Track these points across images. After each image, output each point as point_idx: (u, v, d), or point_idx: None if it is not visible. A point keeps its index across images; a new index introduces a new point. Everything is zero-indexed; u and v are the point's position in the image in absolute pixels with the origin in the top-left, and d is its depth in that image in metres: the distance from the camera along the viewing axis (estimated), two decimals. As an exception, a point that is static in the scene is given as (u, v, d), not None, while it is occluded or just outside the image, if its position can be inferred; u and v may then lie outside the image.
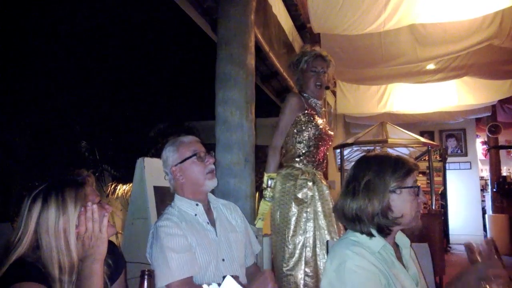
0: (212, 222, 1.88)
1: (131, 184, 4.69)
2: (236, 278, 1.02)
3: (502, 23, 4.09)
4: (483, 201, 9.61)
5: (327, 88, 2.82)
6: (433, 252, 1.96)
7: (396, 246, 1.48)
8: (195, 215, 1.84)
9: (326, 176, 5.73)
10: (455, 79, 6.14)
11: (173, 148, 1.88)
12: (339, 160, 6.47)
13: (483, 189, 10.00)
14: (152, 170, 2.87)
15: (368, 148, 6.22)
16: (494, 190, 8.41)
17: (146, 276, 1.19)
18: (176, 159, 1.85)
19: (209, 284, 0.99)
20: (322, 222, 2.52)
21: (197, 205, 1.86)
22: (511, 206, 8.21)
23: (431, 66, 5.53)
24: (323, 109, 2.84)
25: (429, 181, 6.24)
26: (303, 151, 2.61)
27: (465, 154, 9.79)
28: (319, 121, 2.68)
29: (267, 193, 2.58)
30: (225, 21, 2.82)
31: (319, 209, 2.54)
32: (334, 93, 7.13)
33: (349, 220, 1.41)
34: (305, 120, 2.62)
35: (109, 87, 7.71)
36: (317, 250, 2.48)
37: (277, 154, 2.62)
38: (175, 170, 1.85)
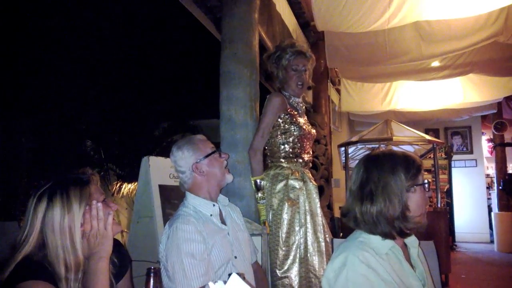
0: (223, 221, 1.91)
1: (136, 183, 4.71)
2: (242, 275, 1.02)
3: (508, 19, 4.07)
4: (489, 199, 9.57)
5: (309, 88, 2.73)
6: (439, 250, 1.96)
7: (404, 246, 1.46)
8: (211, 215, 1.85)
9: (330, 174, 5.77)
10: (460, 76, 6.11)
11: (191, 147, 1.89)
12: (344, 158, 6.46)
13: (489, 186, 9.95)
14: (157, 169, 2.88)
15: (373, 146, 6.21)
16: (500, 187, 8.36)
17: (152, 274, 1.19)
18: (198, 156, 1.87)
19: (215, 282, 0.99)
20: (311, 221, 2.47)
21: (214, 205, 1.88)
22: (517, 204, 8.17)
23: (436, 63, 5.51)
24: (304, 106, 2.75)
25: (434, 179, 6.21)
26: (289, 152, 2.55)
27: (471, 152, 9.75)
28: (301, 120, 2.62)
29: (260, 195, 2.52)
30: (229, 19, 2.82)
31: (307, 208, 2.49)
32: (338, 91, 7.13)
33: (370, 224, 1.36)
34: (288, 121, 2.55)
35: (113, 86, 7.74)
36: (308, 250, 2.43)
37: (259, 156, 2.53)
38: (197, 167, 1.86)
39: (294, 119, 2.57)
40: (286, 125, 2.55)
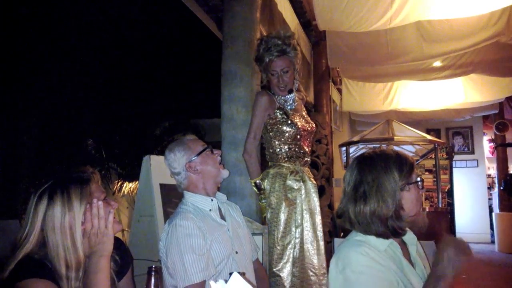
0: (222, 217, 1.93)
1: (137, 182, 4.72)
2: (242, 274, 1.02)
3: (510, 19, 4.06)
4: (490, 199, 9.56)
5: (290, 91, 2.56)
6: (440, 250, 1.95)
7: (403, 244, 1.46)
8: (210, 210, 1.88)
9: (331, 174, 5.76)
10: (461, 76, 6.10)
11: (182, 148, 1.91)
12: (345, 158, 6.46)
13: (490, 187, 9.93)
14: (158, 168, 2.87)
15: (374, 145, 6.20)
16: (501, 188, 8.35)
17: (153, 273, 1.19)
18: (190, 155, 1.89)
19: (216, 281, 0.99)
20: (309, 220, 2.46)
21: (212, 200, 1.90)
22: (518, 204, 8.17)
23: (437, 63, 5.50)
24: (297, 98, 2.63)
25: (435, 179, 6.21)
26: (286, 152, 2.52)
27: (472, 152, 9.74)
28: (295, 117, 2.53)
29: (262, 195, 2.51)
30: (231, 18, 2.82)
31: (305, 207, 2.48)
32: (339, 90, 7.12)
33: (364, 225, 1.36)
34: (280, 121, 2.49)
35: (115, 85, 7.74)
36: (304, 249, 2.42)
37: (255, 158, 2.50)
38: (191, 166, 1.88)
39: (286, 117, 2.51)
40: (278, 126, 2.51)
